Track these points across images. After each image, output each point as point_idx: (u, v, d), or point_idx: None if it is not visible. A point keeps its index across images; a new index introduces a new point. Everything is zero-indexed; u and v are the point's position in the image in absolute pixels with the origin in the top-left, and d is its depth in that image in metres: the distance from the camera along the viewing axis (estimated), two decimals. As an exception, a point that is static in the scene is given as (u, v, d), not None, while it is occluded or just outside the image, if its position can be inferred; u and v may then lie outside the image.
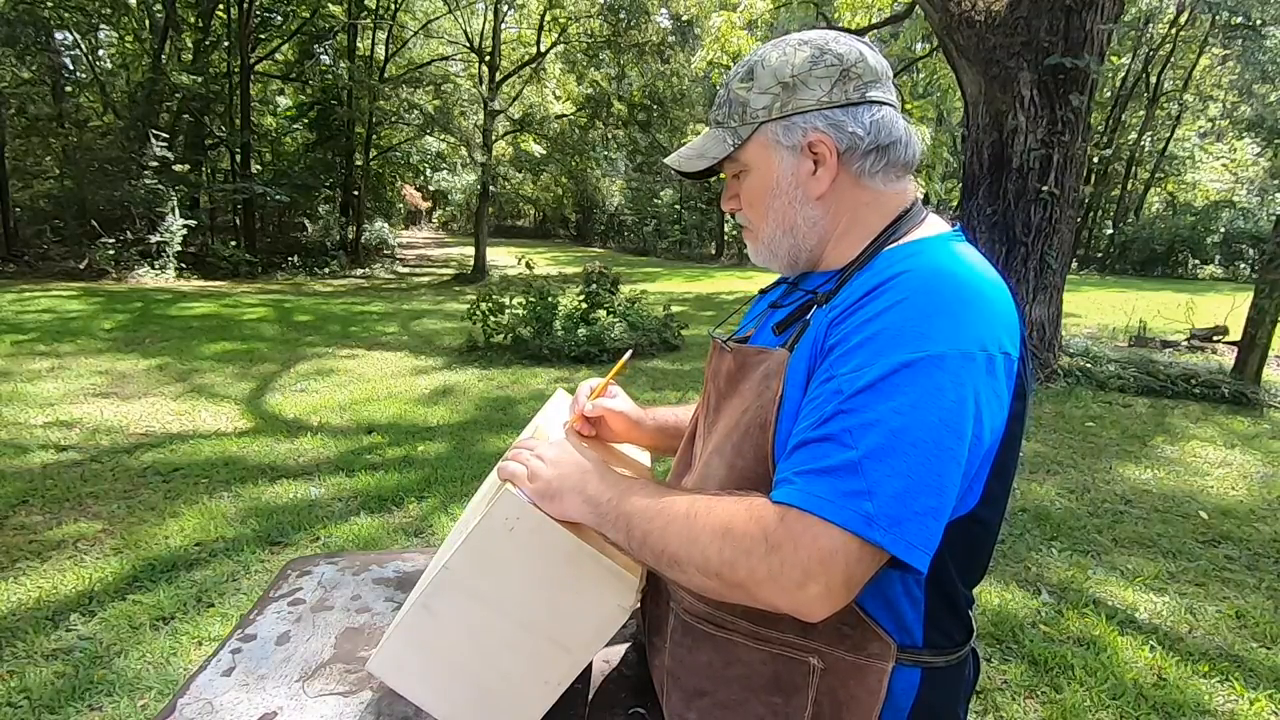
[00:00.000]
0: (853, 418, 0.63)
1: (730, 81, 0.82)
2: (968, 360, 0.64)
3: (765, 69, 0.78)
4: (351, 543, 3.02)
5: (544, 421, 1.01)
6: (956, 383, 0.63)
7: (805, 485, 0.63)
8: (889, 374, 0.63)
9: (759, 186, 0.81)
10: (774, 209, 0.81)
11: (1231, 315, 7.52)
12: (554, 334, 6.82)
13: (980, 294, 0.68)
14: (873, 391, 0.63)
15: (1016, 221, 5.74)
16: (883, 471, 0.61)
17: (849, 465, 0.62)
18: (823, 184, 0.78)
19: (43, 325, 7.62)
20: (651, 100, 18.71)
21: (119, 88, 15.52)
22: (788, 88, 0.77)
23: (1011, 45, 5.52)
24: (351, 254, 17.44)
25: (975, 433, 0.65)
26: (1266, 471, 4.12)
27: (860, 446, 0.62)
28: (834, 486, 0.62)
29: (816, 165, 0.78)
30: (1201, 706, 2.11)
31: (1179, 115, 20.04)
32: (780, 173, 0.79)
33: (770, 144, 0.79)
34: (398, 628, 0.82)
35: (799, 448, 0.66)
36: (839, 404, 0.64)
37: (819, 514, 0.61)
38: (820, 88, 0.77)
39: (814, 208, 0.80)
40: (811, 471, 0.63)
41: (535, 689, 0.82)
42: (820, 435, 0.65)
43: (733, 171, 0.84)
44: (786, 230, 0.82)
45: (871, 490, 0.61)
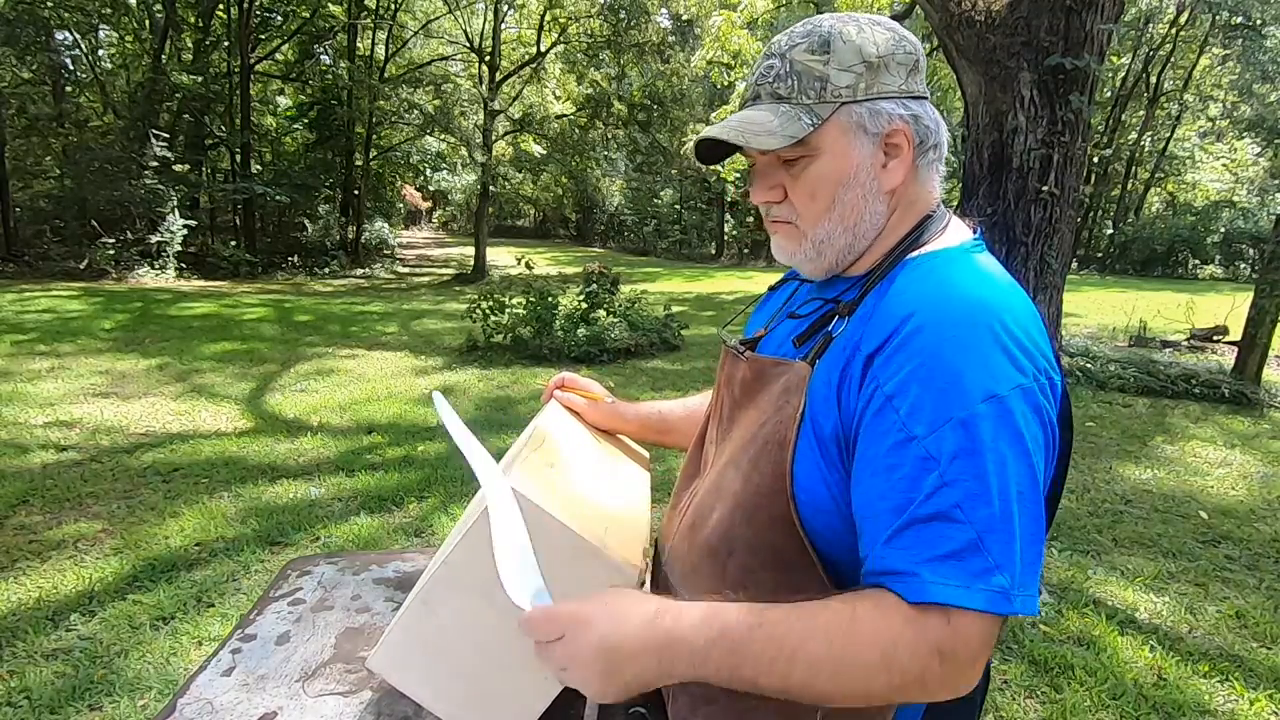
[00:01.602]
0: (957, 490, 0.61)
1: (789, 52, 0.73)
2: (1029, 394, 0.63)
3: (846, 43, 0.71)
4: (351, 543, 3.02)
5: (543, 423, 1.01)
6: (1026, 420, 0.62)
7: (937, 576, 0.60)
8: (972, 430, 0.61)
9: (829, 175, 0.73)
10: (843, 202, 0.74)
11: (1231, 315, 7.52)
12: (554, 334, 6.82)
13: (1019, 317, 0.66)
14: (965, 457, 0.61)
15: (1016, 221, 5.74)
16: (1003, 540, 0.60)
17: (972, 545, 0.60)
18: (896, 177, 0.73)
19: (43, 325, 7.62)
20: (651, 100, 18.71)
21: (119, 88, 15.51)
22: (872, 68, 0.71)
23: (1011, 45, 5.52)
24: (351, 254, 17.43)
25: (1046, 460, 0.64)
26: (1266, 471, 4.12)
27: (975, 520, 0.60)
28: (966, 570, 0.60)
29: (888, 157, 0.73)
30: (1201, 706, 2.11)
31: (1179, 115, 20.05)
32: (859, 161, 0.72)
33: (850, 128, 0.72)
34: (397, 625, 0.82)
35: (908, 528, 0.62)
36: (938, 476, 0.61)
37: (970, 606, 0.59)
38: (899, 75, 0.72)
39: (882, 203, 0.75)
40: (937, 559, 0.60)
41: (534, 685, 0.81)
42: (929, 513, 0.61)
43: (790, 156, 0.74)
44: (849, 227, 0.75)
45: (1000, 565, 0.60)
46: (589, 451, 1.02)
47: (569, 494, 0.84)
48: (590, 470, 0.96)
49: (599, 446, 1.08)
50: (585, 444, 1.04)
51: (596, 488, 0.92)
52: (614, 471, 1.03)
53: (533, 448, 0.89)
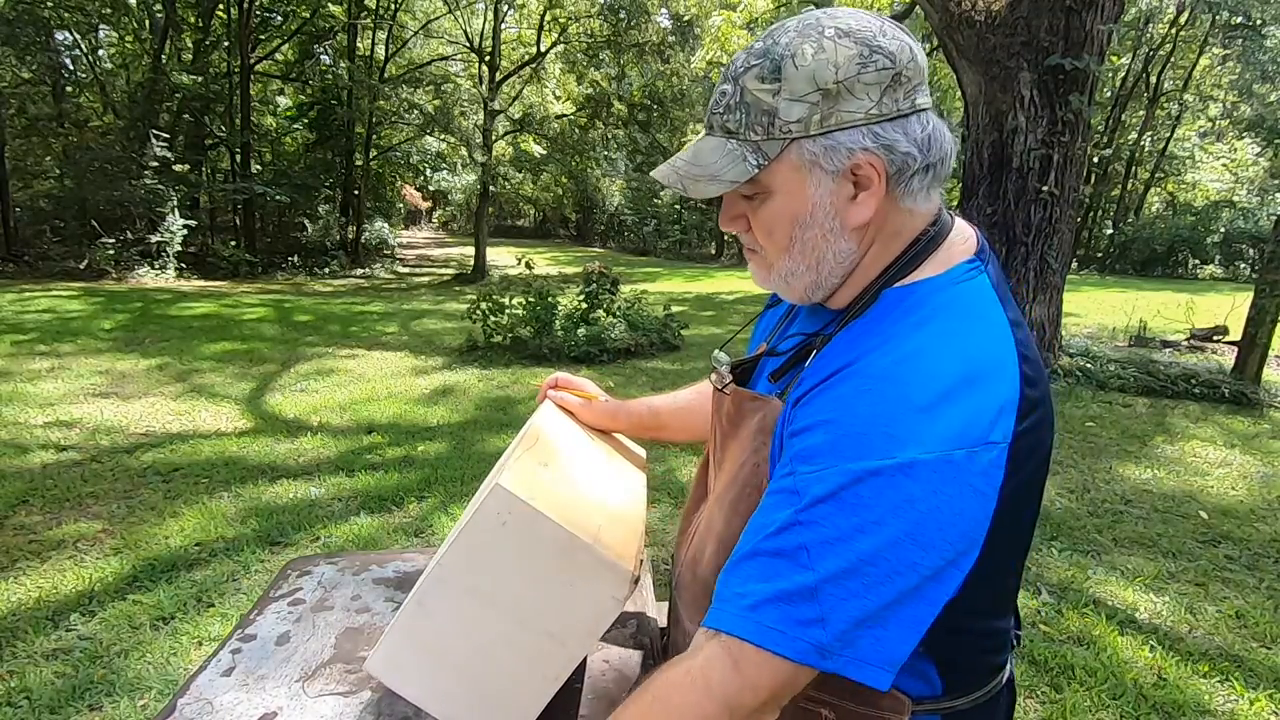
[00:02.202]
0: (810, 532, 0.57)
1: (742, 77, 0.65)
2: (942, 465, 0.56)
3: (799, 69, 0.62)
4: (351, 543, 3.02)
5: (538, 422, 1.01)
6: (928, 491, 0.56)
7: (755, 613, 0.57)
8: (852, 483, 0.56)
9: (783, 215, 0.67)
10: (801, 241, 0.67)
11: (1231, 315, 7.52)
12: (554, 334, 6.82)
13: (965, 376, 0.59)
14: (835, 502, 0.57)
15: (1016, 221, 5.74)
16: (839, 595, 0.56)
17: (805, 591, 0.56)
18: (864, 213, 0.66)
19: (43, 325, 7.62)
20: (651, 100, 18.72)
21: (119, 88, 15.52)
22: (829, 96, 0.62)
23: (1011, 45, 5.52)
24: (351, 254, 17.44)
25: (951, 540, 0.57)
26: (1266, 471, 4.12)
27: (818, 568, 0.56)
28: (786, 615, 0.56)
29: (857, 190, 0.65)
30: (1201, 706, 2.11)
31: (1179, 115, 20.05)
32: (816, 200, 0.65)
33: (804, 166, 0.64)
34: (394, 627, 0.82)
35: (751, 558, 0.60)
36: (795, 513, 0.58)
37: (772, 649, 0.56)
38: (869, 96, 0.62)
39: (848, 240, 0.67)
40: (762, 595, 0.57)
41: (532, 684, 0.82)
42: (774, 549, 0.58)
43: (745, 192, 0.68)
44: (812, 264, 0.69)
45: (825, 618, 0.56)
46: (584, 451, 1.02)
47: (563, 493, 0.84)
48: (585, 469, 0.96)
49: (594, 445, 1.07)
50: (580, 443, 1.04)
51: (591, 487, 0.92)
52: (609, 471, 1.02)
53: (526, 447, 0.89)
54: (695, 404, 1.11)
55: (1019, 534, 0.67)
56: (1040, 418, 0.63)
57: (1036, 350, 0.67)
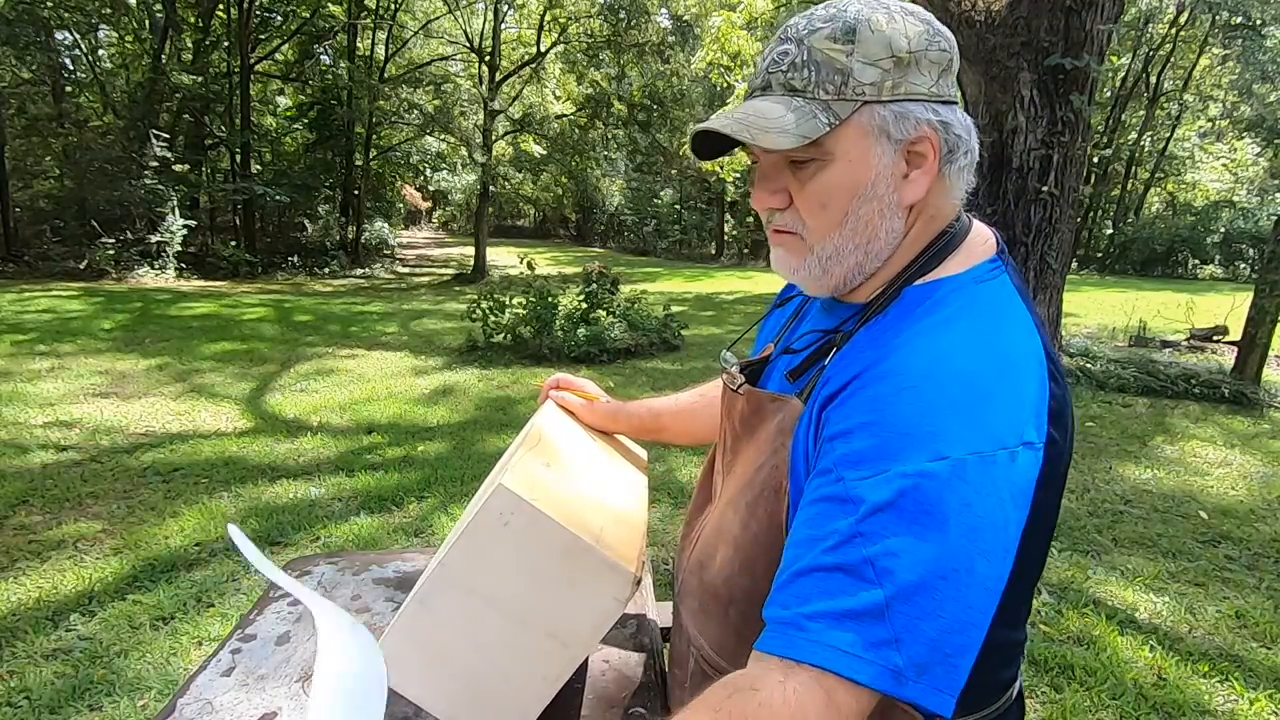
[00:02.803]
0: (873, 545, 0.53)
1: (809, 37, 0.63)
2: (989, 464, 0.54)
3: (874, 33, 0.61)
4: (351, 543, 3.02)
5: (539, 422, 1.01)
6: (982, 494, 0.54)
7: (826, 636, 0.53)
8: (912, 489, 0.54)
9: (843, 184, 0.64)
10: (857, 215, 0.65)
11: (1231, 315, 7.52)
12: (554, 334, 6.82)
13: (1000, 375, 0.58)
14: (895, 511, 0.54)
15: (1016, 221, 5.74)
16: (912, 614, 0.52)
17: (875, 609, 0.52)
18: (918, 190, 0.64)
19: (43, 325, 7.62)
20: (651, 100, 18.72)
21: (119, 88, 15.51)
22: (901, 65, 0.62)
23: (1011, 45, 5.52)
24: (351, 254, 17.43)
25: (1003, 546, 0.55)
26: (1266, 471, 4.12)
27: (886, 584, 0.52)
28: (861, 637, 0.52)
29: (909, 167, 0.64)
30: (1201, 706, 2.11)
31: (1179, 115, 20.06)
32: (879, 171, 0.63)
33: (872, 132, 0.62)
34: (395, 625, 0.82)
35: (809, 573, 0.56)
36: (855, 523, 0.54)
37: (851, 677, 0.52)
38: (930, 75, 0.63)
39: (899, 219, 0.66)
40: (830, 615, 0.53)
41: (533, 684, 0.82)
42: (835, 563, 0.54)
43: (800, 158, 0.64)
44: (862, 243, 0.66)
45: (900, 639, 0.52)
46: (586, 451, 1.02)
47: (565, 494, 0.84)
48: (587, 470, 0.96)
49: (596, 446, 1.07)
50: (582, 444, 1.04)
51: (593, 488, 0.92)
52: (611, 471, 1.02)
53: (528, 447, 0.89)
54: (697, 406, 1.10)
55: (1044, 541, 0.65)
56: (1066, 420, 0.62)
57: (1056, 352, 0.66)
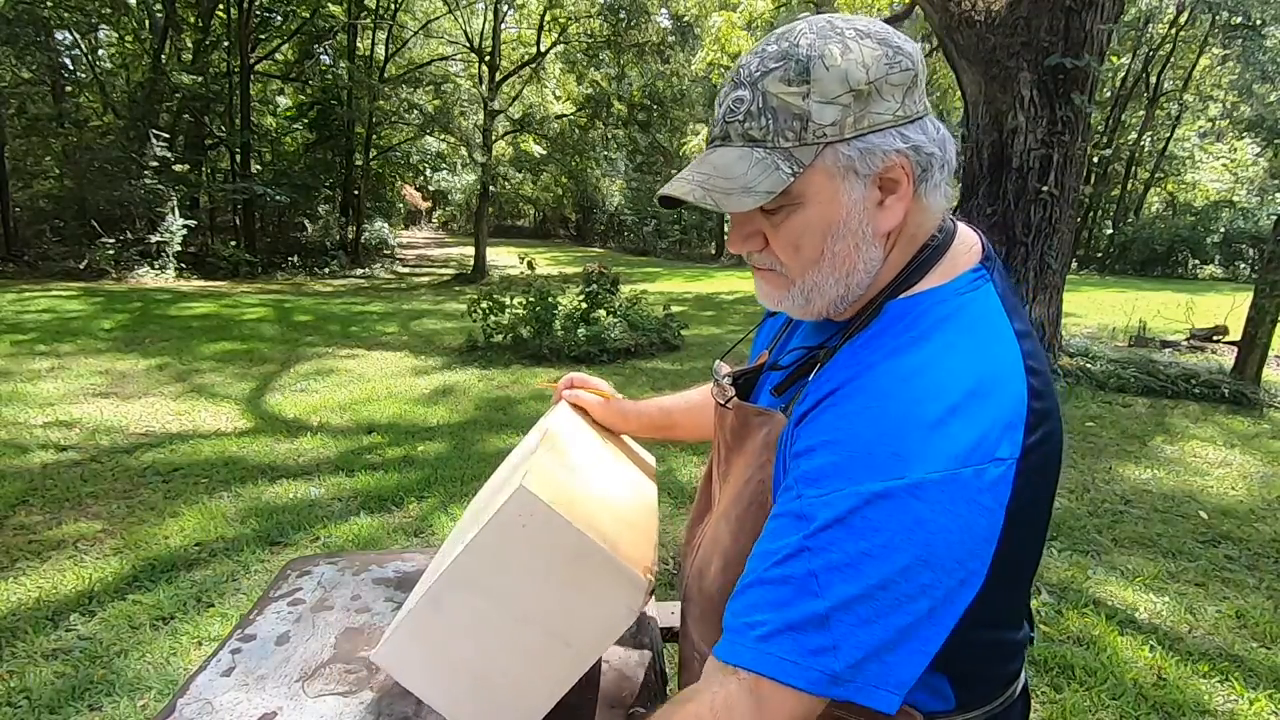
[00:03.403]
0: (819, 558, 0.55)
1: (761, 81, 0.61)
2: (950, 483, 0.55)
3: (830, 70, 0.59)
4: (351, 543, 3.02)
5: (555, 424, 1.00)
6: (937, 512, 0.55)
7: (766, 645, 0.56)
8: (860, 506, 0.55)
9: (816, 225, 0.63)
10: (833, 251, 0.64)
11: (1231, 315, 7.52)
12: (554, 334, 6.82)
13: (971, 391, 0.58)
14: (843, 528, 0.55)
15: (1016, 221, 5.75)
16: (850, 623, 0.54)
17: (815, 619, 0.55)
18: (894, 218, 0.64)
19: (43, 325, 7.62)
20: (651, 100, 18.72)
21: (119, 88, 15.51)
22: (861, 97, 0.60)
23: (1011, 45, 5.52)
24: (351, 254, 17.43)
25: (961, 558, 0.56)
26: (1266, 471, 4.12)
27: (828, 595, 0.55)
28: (799, 645, 0.55)
29: (883, 194, 0.63)
30: (1201, 706, 2.11)
31: (1179, 115, 20.05)
32: (849, 207, 0.63)
33: (838, 172, 0.61)
34: (405, 621, 0.81)
35: (757, 585, 0.58)
36: (803, 538, 0.57)
37: (785, 681, 0.55)
38: (894, 98, 0.61)
39: (877, 247, 0.65)
40: (772, 624, 0.56)
41: (539, 687, 0.81)
42: (781, 576, 0.57)
43: (769, 206, 0.64)
44: (841, 277, 0.65)
45: (837, 645, 0.54)
46: (600, 457, 1.02)
47: (583, 499, 0.83)
48: (603, 476, 0.96)
49: (609, 451, 1.07)
50: (596, 449, 1.04)
51: (609, 494, 0.92)
52: (625, 478, 1.02)
53: (547, 448, 0.88)
54: (708, 403, 1.11)
55: (1030, 547, 0.66)
56: (1049, 431, 0.61)
57: (1045, 361, 0.65)
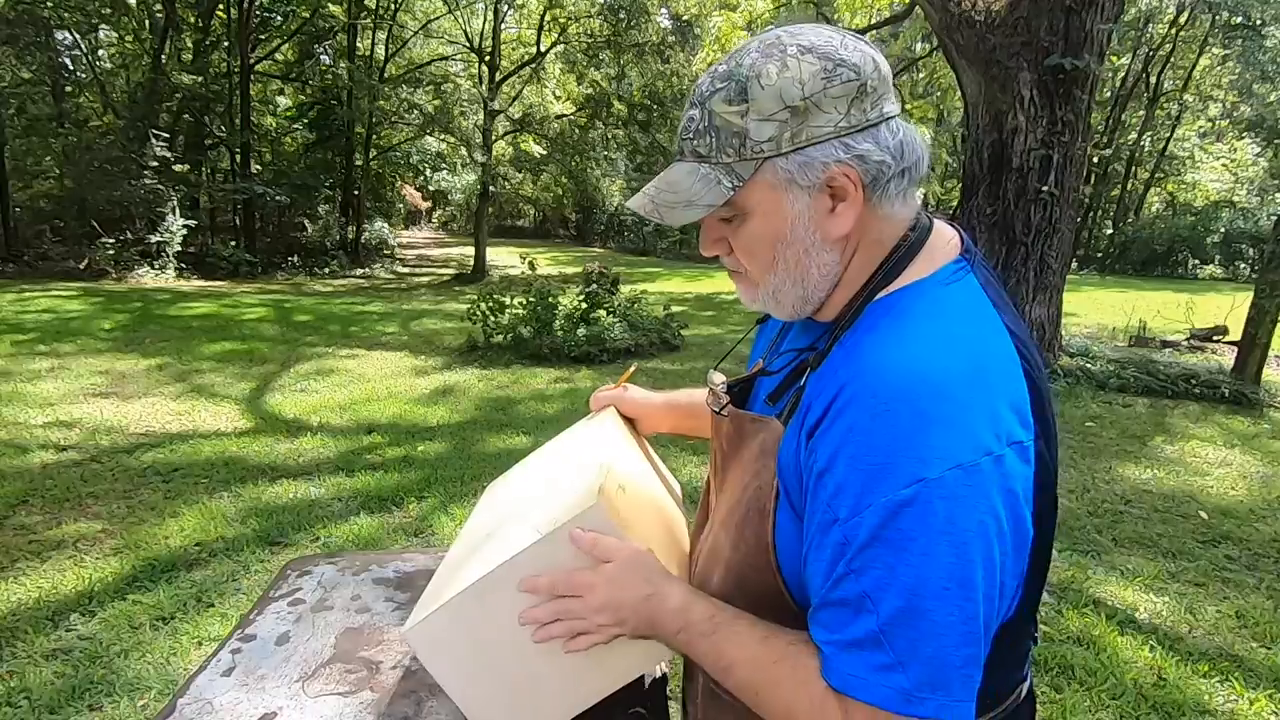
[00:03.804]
0: (865, 579, 0.58)
1: (707, 100, 0.65)
2: (972, 474, 0.56)
3: (766, 89, 0.62)
4: (351, 543, 3.02)
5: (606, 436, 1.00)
6: (966, 507, 0.56)
7: (839, 663, 0.59)
8: (889, 518, 0.57)
9: (763, 234, 0.67)
10: (784, 259, 0.67)
11: (1231, 315, 7.52)
12: (554, 334, 6.82)
13: (972, 380, 0.59)
14: (879, 544, 0.57)
15: (1016, 221, 5.75)
16: (909, 637, 0.56)
17: (873, 637, 0.57)
18: (844, 224, 0.66)
19: (43, 325, 7.62)
20: (651, 100, 18.70)
21: (119, 88, 15.52)
22: (798, 113, 0.62)
23: (1011, 45, 5.52)
24: (351, 254, 17.42)
25: (1001, 550, 0.58)
26: (1266, 471, 4.12)
27: (880, 612, 0.57)
28: (864, 662, 0.58)
29: (834, 202, 0.65)
30: (1201, 706, 2.11)
31: (1179, 115, 20.04)
32: (794, 217, 0.65)
33: (779, 184, 0.64)
34: (445, 606, 0.80)
35: (821, 609, 0.62)
36: (847, 561, 0.59)
37: (861, 698, 0.58)
38: (836, 109, 0.63)
39: (831, 251, 0.67)
40: (840, 644, 0.59)
41: (562, 701, 0.81)
42: (838, 599, 0.60)
43: (723, 215, 0.68)
44: (797, 280, 0.68)
45: (902, 662, 0.56)
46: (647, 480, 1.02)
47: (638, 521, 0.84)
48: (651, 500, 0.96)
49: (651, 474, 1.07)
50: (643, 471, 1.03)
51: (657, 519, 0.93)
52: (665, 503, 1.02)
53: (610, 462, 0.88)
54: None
55: (1047, 538, 0.67)
56: (1049, 412, 0.63)
57: (1031, 341, 0.67)
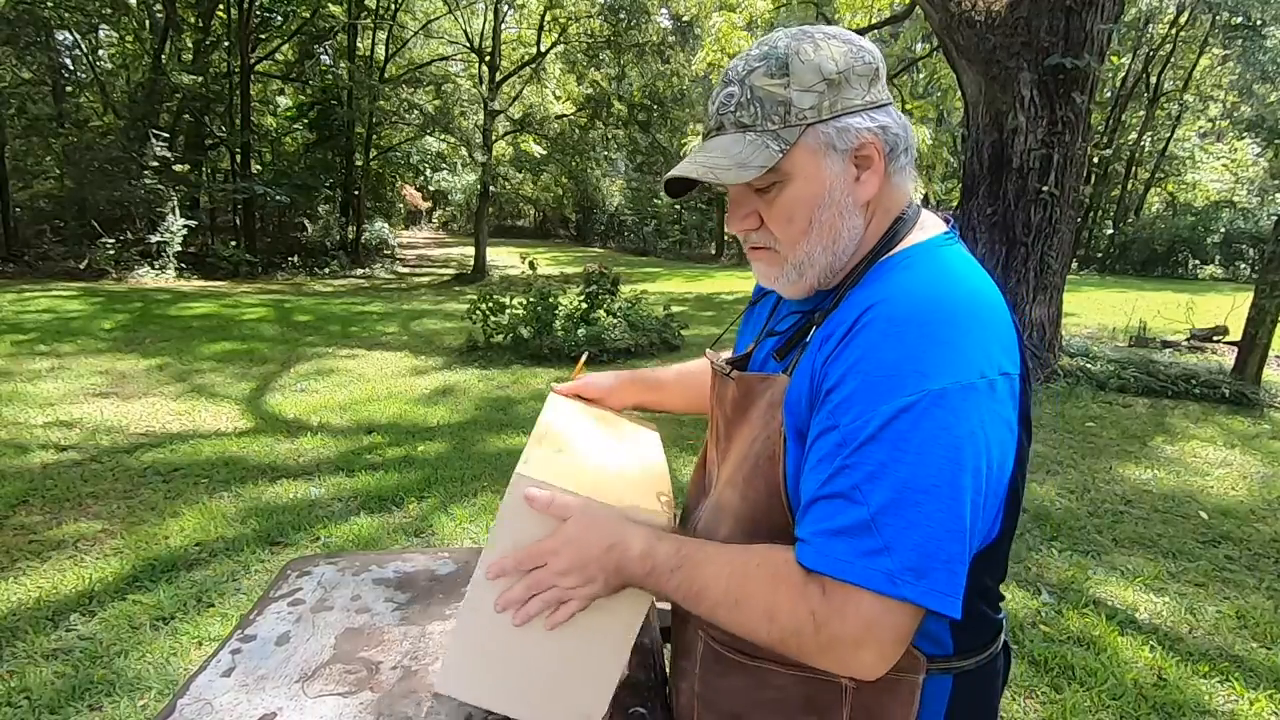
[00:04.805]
0: (858, 472, 0.62)
1: (748, 77, 0.72)
2: (968, 391, 0.62)
3: (805, 63, 0.70)
4: (351, 543, 3.02)
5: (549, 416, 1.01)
6: (960, 417, 0.62)
7: (824, 547, 0.63)
8: (890, 420, 0.62)
9: (803, 198, 0.73)
10: (820, 222, 0.73)
11: (1231, 315, 7.52)
12: (554, 334, 6.82)
13: (973, 313, 0.66)
14: (876, 443, 0.62)
15: (1016, 221, 5.74)
16: (898, 525, 0.60)
17: (863, 524, 0.61)
18: (870, 189, 0.73)
19: (43, 325, 7.61)
20: (651, 100, 18.72)
21: (119, 88, 15.51)
22: (833, 85, 0.70)
23: (1011, 45, 5.52)
24: (351, 254, 17.43)
25: (987, 463, 0.63)
26: (1266, 471, 4.12)
27: (871, 503, 0.61)
28: (852, 547, 0.61)
29: (859, 169, 0.73)
30: (1201, 706, 2.11)
31: (1179, 115, 20.03)
32: (832, 180, 0.72)
33: (819, 149, 0.71)
34: (452, 638, 0.82)
35: (812, 504, 0.66)
36: (844, 458, 0.63)
37: (844, 578, 0.61)
38: (861, 87, 0.72)
39: (858, 216, 0.74)
40: (827, 532, 0.63)
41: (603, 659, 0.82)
42: (830, 492, 0.64)
43: (762, 184, 0.74)
44: (829, 244, 0.74)
45: (889, 546, 0.60)
46: (595, 428, 1.04)
47: (582, 471, 0.86)
48: (600, 445, 0.98)
49: (604, 420, 1.10)
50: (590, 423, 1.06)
51: (609, 458, 0.94)
52: (622, 436, 1.05)
53: (537, 442, 0.90)
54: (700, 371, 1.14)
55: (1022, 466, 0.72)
56: (1027, 358, 0.70)
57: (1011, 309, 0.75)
